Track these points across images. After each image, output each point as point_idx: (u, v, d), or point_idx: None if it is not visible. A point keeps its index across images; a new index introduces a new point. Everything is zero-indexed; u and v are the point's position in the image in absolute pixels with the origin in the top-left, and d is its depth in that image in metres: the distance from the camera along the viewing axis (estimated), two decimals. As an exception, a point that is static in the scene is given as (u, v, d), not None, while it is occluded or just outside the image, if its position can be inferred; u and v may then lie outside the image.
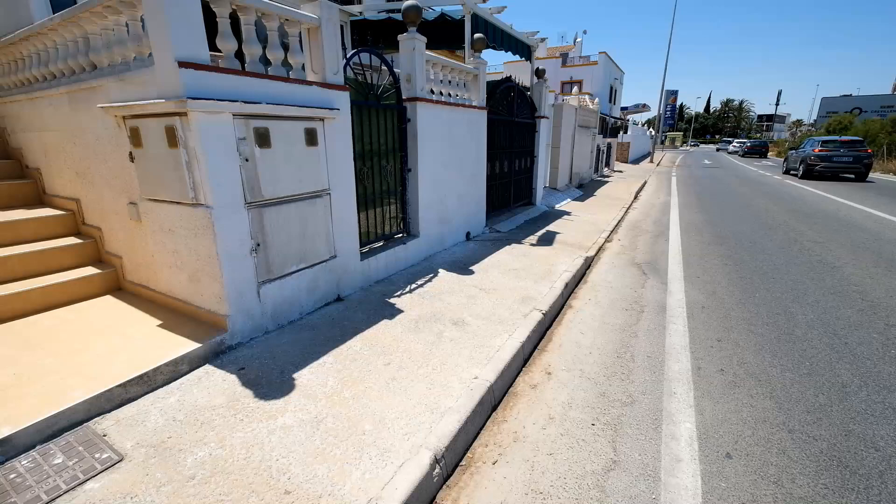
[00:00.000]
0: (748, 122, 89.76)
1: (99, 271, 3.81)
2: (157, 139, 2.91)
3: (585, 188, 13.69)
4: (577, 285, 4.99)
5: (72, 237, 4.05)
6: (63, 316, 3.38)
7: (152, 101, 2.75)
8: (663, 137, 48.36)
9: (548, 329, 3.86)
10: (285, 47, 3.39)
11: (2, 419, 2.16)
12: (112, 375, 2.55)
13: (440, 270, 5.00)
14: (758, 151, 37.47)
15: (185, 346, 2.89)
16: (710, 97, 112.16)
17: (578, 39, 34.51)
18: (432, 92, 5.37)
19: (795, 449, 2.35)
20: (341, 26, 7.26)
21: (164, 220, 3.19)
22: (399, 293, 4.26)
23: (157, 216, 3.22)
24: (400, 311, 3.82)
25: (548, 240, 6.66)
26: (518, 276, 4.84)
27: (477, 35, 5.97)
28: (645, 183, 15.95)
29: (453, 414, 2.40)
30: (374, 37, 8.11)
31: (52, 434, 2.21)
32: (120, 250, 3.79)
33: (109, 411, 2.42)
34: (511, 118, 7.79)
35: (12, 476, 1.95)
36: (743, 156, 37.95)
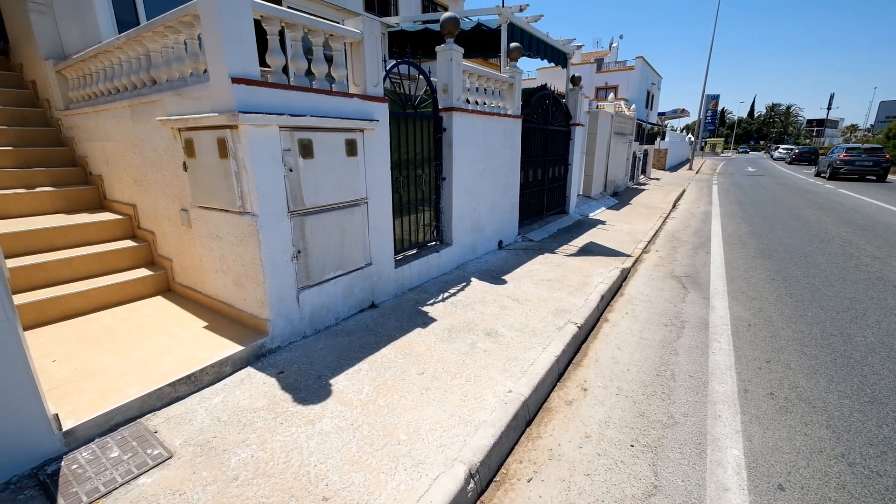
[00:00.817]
0: (796, 128, 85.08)
1: (151, 273, 4.04)
2: (209, 150, 3.07)
3: (620, 196, 13.34)
4: (612, 298, 4.85)
5: (128, 240, 4.32)
6: (119, 314, 3.61)
7: (206, 114, 2.91)
8: (703, 143, 46.56)
9: (583, 343, 3.77)
10: (328, 60, 3.51)
11: (66, 412, 2.31)
12: (162, 374, 2.69)
13: (472, 279, 5.00)
14: (807, 158, 35.29)
15: (228, 348, 3.02)
16: (754, 101, 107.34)
17: (615, 44, 33.86)
18: (468, 101, 5.40)
19: (857, 485, 2.18)
20: (379, 37, 7.43)
21: (212, 226, 3.35)
22: (432, 301, 4.28)
23: (206, 223, 3.39)
24: (433, 320, 3.84)
25: (582, 250, 6.53)
26: (552, 287, 4.76)
27: (513, 44, 5.97)
28: (683, 191, 15.39)
29: (488, 428, 2.38)
30: (410, 47, 8.25)
31: (109, 428, 2.35)
32: (171, 254, 4.00)
33: (160, 408, 2.55)
34: (546, 126, 7.72)
35: (74, 467, 2.09)
36: (790, 163, 35.91)
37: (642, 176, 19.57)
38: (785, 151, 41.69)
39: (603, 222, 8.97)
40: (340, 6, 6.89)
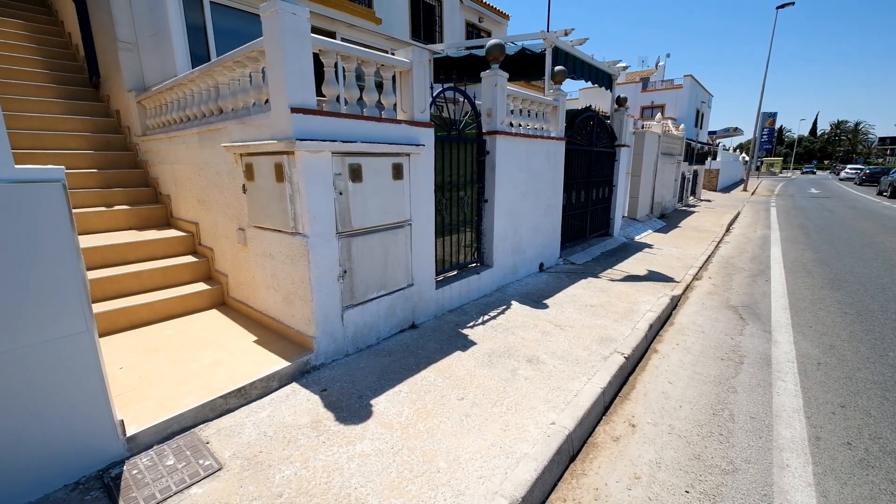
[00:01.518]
0: (866, 146, 78.60)
1: (208, 287, 4.30)
2: (267, 174, 3.26)
3: (668, 219, 12.80)
4: (662, 327, 4.61)
5: (190, 256, 4.64)
6: (179, 326, 3.85)
7: (266, 141, 3.11)
8: (759, 163, 44.01)
9: (630, 374, 3.59)
10: (378, 88, 3.67)
11: (129, 418, 2.47)
12: (216, 386, 2.82)
13: (513, 302, 4.93)
14: (878, 179, 32.32)
15: (276, 363, 3.13)
16: (816, 119, 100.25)
17: (661, 63, 33.10)
18: (511, 125, 5.44)
19: (960, 559, 1.90)
20: (424, 64, 7.70)
21: (266, 245, 3.54)
22: (472, 324, 4.25)
23: (261, 242, 3.58)
24: (473, 343, 3.80)
25: (628, 274, 6.28)
26: (596, 314, 4.60)
27: (558, 68, 5.98)
28: (738, 214, 14.54)
29: (530, 461, 2.30)
30: (454, 71, 8.47)
31: (166, 436, 2.48)
32: (227, 269, 4.25)
33: (212, 419, 2.66)
34: (590, 147, 7.61)
35: (134, 472, 2.21)
36: (860, 184, 33.05)
37: (692, 197, 18.72)
38: (853, 171, 38.50)
39: (650, 246, 8.61)
40: (389, 35, 7.24)
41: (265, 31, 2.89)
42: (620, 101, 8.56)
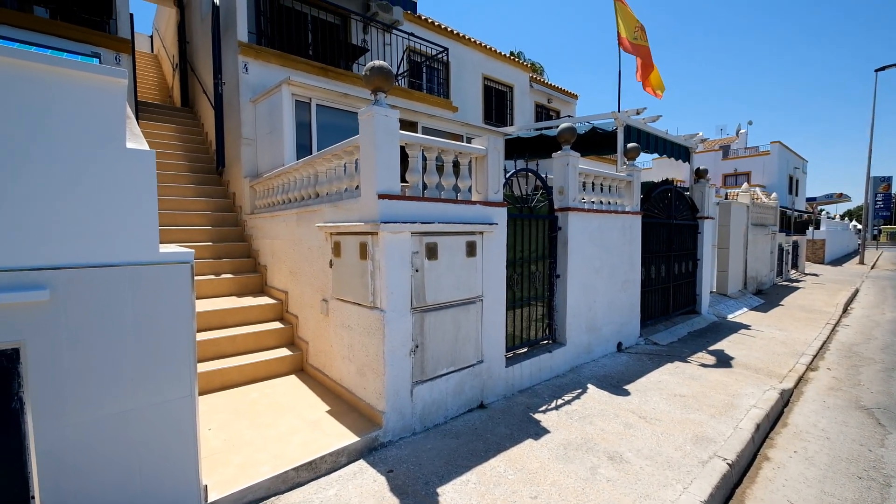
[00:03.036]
0: None
1: (290, 353, 4.59)
2: (352, 252, 3.56)
3: (767, 295, 11.45)
4: (772, 428, 3.95)
5: (277, 322, 5.04)
6: (262, 390, 4.09)
7: (354, 223, 3.44)
8: (876, 232, 38.52)
9: (736, 486, 3.06)
10: (455, 172, 3.95)
11: (212, 483, 2.59)
12: (289, 457, 2.90)
13: (589, 386, 4.58)
14: None
15: (345, 437, 3.15)
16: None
17: (742, 131, 31.78)
18: (583, 200, 5.45)
19: None
20: (496, 144, 8.21)
21: (345, 317, 3.75)
22: (544, 408, 3.99)
23: (341, 313, 3.81)
24: (546, 431, 3.54)
25: (722, 360, 5.59)
26: (687, 406, 4.09)
27: (631, 144, 6.02)
28: (857, 291, 12.60)
29: (618, 589, 1.98)
30: (525, 149, 8.88)
31: (242, 506, 2.55)
32: (308, 337, 4.53)
33: (283, 492, 2.70)
34: (668, 220, 7.29)
35: (211, 541, 2.27)
36: None
37: (794, 271, 16.72)
38: None
39: (746, 327, 7.68)
40: (465, 122, 7.90)
41: (361, 130, 3.33)
42: (700, 173, 8.25)
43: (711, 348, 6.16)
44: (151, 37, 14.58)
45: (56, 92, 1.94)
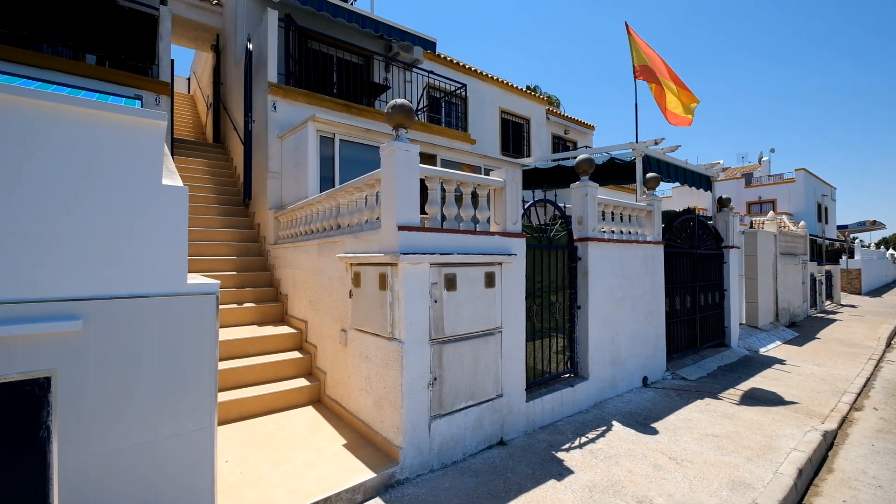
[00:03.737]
0: None
1: (308, 383, 4.57)
2: (372, 282, 3.59)
3: (801, 328, 10.91)
4: (815, 474, 3.67)
5: (296, 351, 5.06)
6: (279, 421, 4.06)
7: (374, 254, 3.49)
8: (917, 261, 36.57)
9: (780, 540, 2.82)
10: (474, 203, 3.99)
11: (228, 518, 2.55)
12: (304, 491, 2.84)
13: (614, 423, 4.38)
14: None
15: (362, 473, 3.08)
16: None
17: (765, 158, 31.27)
18: (603, 231, 5.41)
19: None
20: (514, 174, 8.29)
21: (363, 347, 3.74)
22: (567, 446, 3.82)
23: (359, 344, 3.81)
24: (570, 472, 3.37)
25: (756, 397, 5.29)
26: (720, 447, 3.85)
27: (650, 175, 6.00)
28: (900, 325, 11.86)
29: None
30: (543, 180, 8.94)
31: (256, 544, 2.48)
32: (326, 367, 4.52)
33: (298, 531, 2.62)
34: (692, 250, 7.13)
35: (224, 582, 2.21)
36: None
37: (828, 302, 15.96)
38: None
39: (781, 361, 7.29)
40: (483, 154, 8.06)
41: (383, 164, 3.43)
42: (723, 202, 8.11)
43: (744, 384, 5.85)
44: (189, 79, 15.61)
45: (99, 133, 2.08)
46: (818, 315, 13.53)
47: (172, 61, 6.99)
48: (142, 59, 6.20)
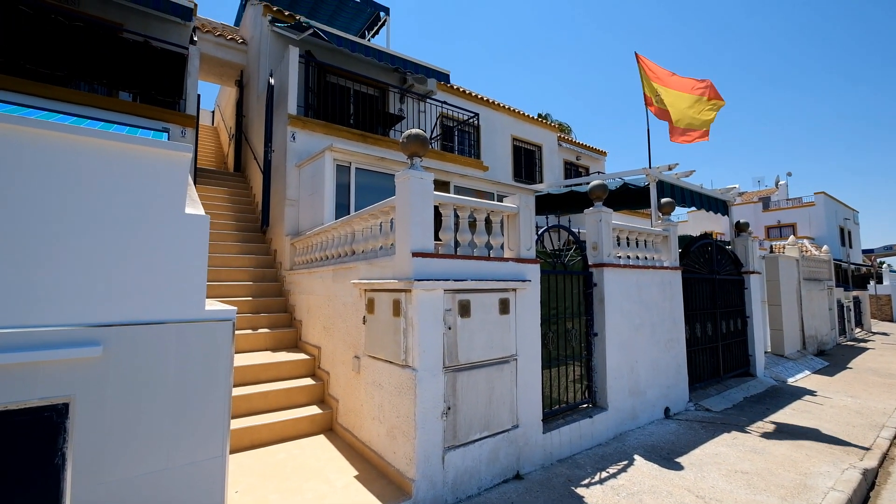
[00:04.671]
0: None
1: (320, 411, 4.51)
2: (386, 308, 3.58)
3: (830, 356, 10.44)
4: (858, 517, 3.42)
5: (309, 378, 5.03)
6: (290, 450, 3.99)
7: (389, 280, 3.50)
8: (950, 287, 34.90)
9: (823, 590, 2.60)
10: (488, 229, 4.00)
11: (236, 553, 2.48)
12: (316, 527, 2.74)
13: (636, 457, 4.19)
14: None
15: (374, 507, 2.98)
16: None
17: (782, 182, 30.85)
18: (619, 256, 5.34)
19: None
20: (527, 200, 8.33)
21: (376, 375, 3.70)
22: (587, 481, 3.66)
23: (372, 371, 3.77)
24: (590, 510, 3.21)
25: (787, 431, 5.02)
26: (751, 485, 3.64)
27: (665, 200, 5.96)
28: (938, 354, 11.25)
29: None
30: (556, 205, 8.95)
31: (264, 581, 2.40)
32: (338, 394, 4.47)
33: (307, 568, 2.53)
34: (711, 276, 6.97)
35: None
36: None
37: (858, 329, 15.31)
38: None
39: (811, 392, 6.95)
40: (495, 180, 8.16)
41: (398, 192, 3.49)
42: (741, 226, 7.97)
43: (773, 417, 5.57)
44: (213, 112, 16.34)
45: (128, 164, 2.18)
46: (848, 343, 12.95)
47: (199, 96, 7.35)
48: (170, 94, 6.53)
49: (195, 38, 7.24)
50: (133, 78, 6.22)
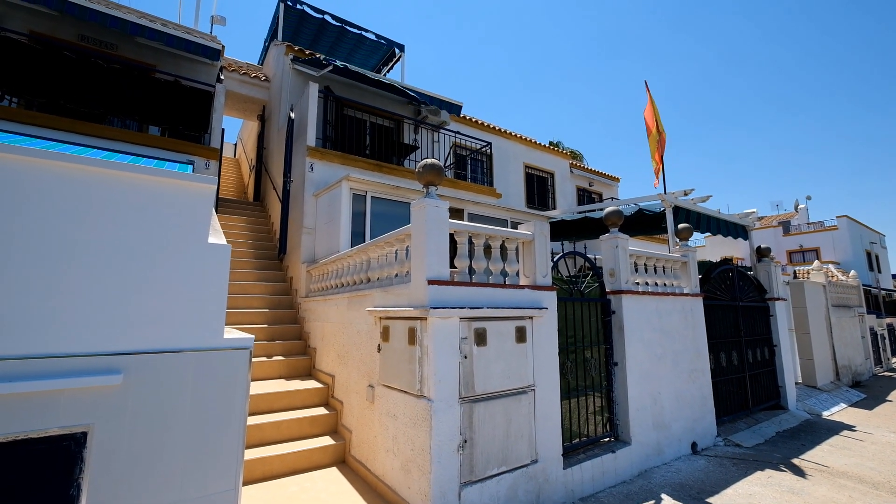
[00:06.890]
0: None
1: (333, 442, 4.42)
2: (401, 337, 3.55)
3: (867, 388, 9.88)
4: (913, 568, 3.13)
5: (322, 407, 4.96)
6: (302, 483, 3.90)
7: (404, 308, 3.49)
8: None
9: None
10: (503, 256, 3.99)
11: None
12: (328, 567, 2.63)
13: (663, 496, 3.96)
14: None
15: (389, 546, 2.85)
16: None
17: (801, 206, 30.29)
18: (637, 283, 5.24)
19: None
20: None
21: (391, 405, 3.63)
22: (612, 523, 3.45)
23: (387, 401, 3.70)
24: (617, 554, 3.01)
25: (827, 470, 4.70)
26: (791, 530, 3.38)
27: (682, 225, 5.88)
28: None
29: None
30: (570, 232, 8.91)
31: None
32: (352, 425, 4.38)
33: None
34: (734, 302, 6.77)
35: None
36: None
37: (895, 359, 14.51)
38: None
39: (850, 427, 6.54)
40: (509, 207, 8.20)
41: (413, 220, 3.52)
42: (763, 251, 7.78)
43: (810, 454, 5.24)
44: (235, 144, 17.01)
45: (154, 196, 2.26)
46: (886, 374, 12.27)
47: (223, 130, 7.68)
48: (197, 128, 6.84)
49: (221, 77, 7.63)
50: (163, 114, 6.56)
